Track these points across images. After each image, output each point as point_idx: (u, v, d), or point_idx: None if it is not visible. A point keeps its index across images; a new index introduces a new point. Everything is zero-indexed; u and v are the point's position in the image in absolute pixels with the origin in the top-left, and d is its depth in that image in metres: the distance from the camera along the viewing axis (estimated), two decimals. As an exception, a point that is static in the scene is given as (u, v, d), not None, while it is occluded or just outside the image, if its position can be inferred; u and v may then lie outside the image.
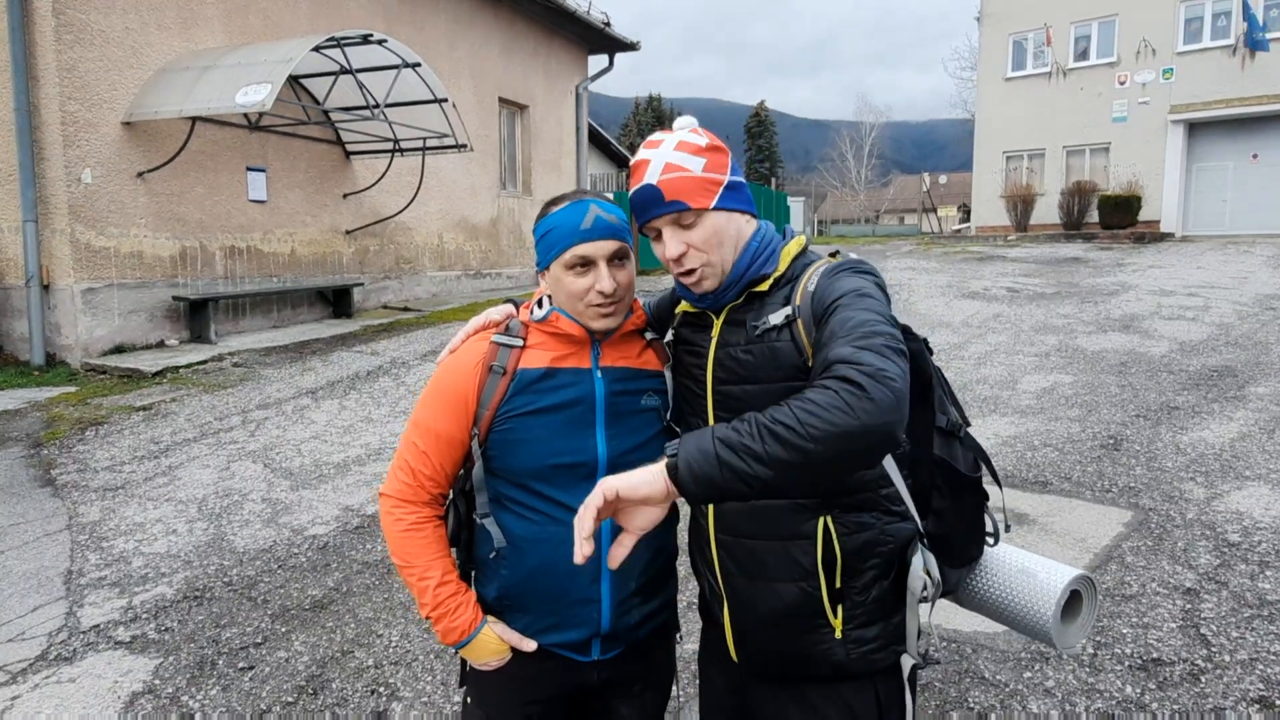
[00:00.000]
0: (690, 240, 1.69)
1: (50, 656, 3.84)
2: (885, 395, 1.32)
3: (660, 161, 1.69)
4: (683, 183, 1.67)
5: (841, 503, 1.66)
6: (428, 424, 1.85)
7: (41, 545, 5.08)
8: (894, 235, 40.44)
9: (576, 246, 1.75)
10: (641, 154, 1.75)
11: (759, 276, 1.73)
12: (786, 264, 1.74)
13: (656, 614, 1.95)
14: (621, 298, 1.80)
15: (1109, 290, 13.17)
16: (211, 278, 11.06)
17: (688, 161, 1.69)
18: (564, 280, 1.78)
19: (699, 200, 1.68)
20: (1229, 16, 22.85)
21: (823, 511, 1.65)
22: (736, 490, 1.36)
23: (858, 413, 1.31)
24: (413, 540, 1.84)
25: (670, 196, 1.67)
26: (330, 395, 8.37)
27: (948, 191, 53.50)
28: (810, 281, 1.66)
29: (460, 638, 1.85)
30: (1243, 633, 3.68)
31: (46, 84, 9.22)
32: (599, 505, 1.38)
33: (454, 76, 14.80)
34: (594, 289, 1.76)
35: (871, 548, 1.67)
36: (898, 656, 1.71)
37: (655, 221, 1.71)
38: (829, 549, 1.65)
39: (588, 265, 1.76)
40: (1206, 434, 6.38)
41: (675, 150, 1.70)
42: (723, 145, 1.75)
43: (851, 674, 1.69)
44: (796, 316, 1.64)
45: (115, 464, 6.49)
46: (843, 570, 1.66)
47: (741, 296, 1.74)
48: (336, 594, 4.42)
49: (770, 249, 1.75)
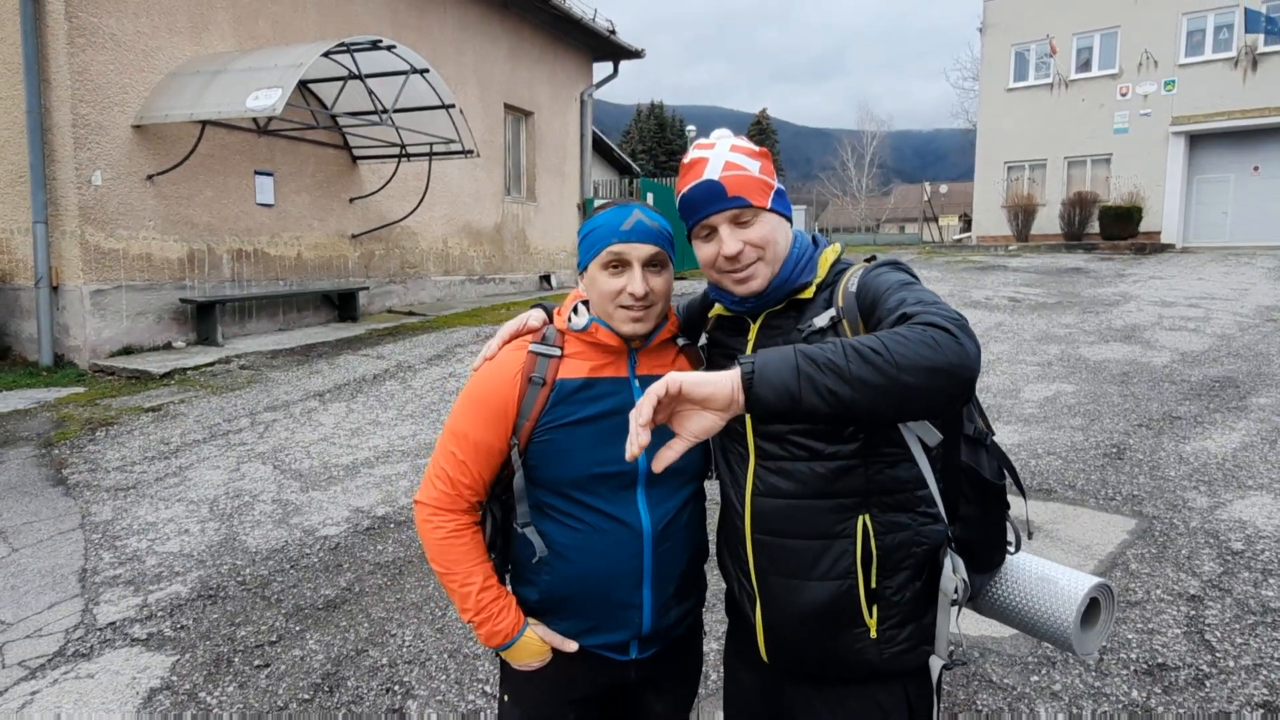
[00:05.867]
0: (748, 238, 1.71)
1: (68, 653, 3.89)
2: (970, 343, 1.38)
3: (720, 160, 1.72)
4: (745, 180, 1.71)
5: (880, 502, 1.68)
6: (466, 433, 1.86)
7: (55, 543, 5.12)
8: (895, 244, 40.50)
9: (614, 245, 1.77)
10: (695, 154, 1.77)
11: (802, 284, 1.76)
12: (825, 270, 1.78)
13: (691, 612, 1.99)
14: (654, 304, 1.81)
15: (1110, 301, 13.23)
16: (219, 280, 11.12)
17: (745, 162, 1.73)
18: (599, 280, 1.80)
19: (758, 198, 1.71)
20: (1231, 29, 22.98)
21: (862, 510, 1.68)
22: (810, 405, 1.35)
23: (946, 352, 1.35)
24: (453, 547, 1.86)
25: (733, 192, 1.70)
26: (337, 398, 8.41)
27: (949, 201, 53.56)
28: (851, 283, 1.70)
29: (503, 640, 1.88)
30: (1247, 639, 3.73)
31: (58, 87, 9.29)
32: (660, 395, 1.36)
33: (460, 82, 14.88)
34: (626, 290, 1.77)
35: (907, 548, 1.69)
36: (927, 658, 1.74)
37: (714, 218, 1.72)
38: (866, 547, 1.68)
39: (622, 266, 1.78)
40: (1209, 444, 6.43)
41: (733, 151, 1.74)
42: (770, 153, 1.81)
43: (883, 675, 1.72)
44: (841, 317, 1.68)
45: (126, 464, 6.54)
46: (879, 569, 1.69)
47: (783, 302, 1.77)
48: (349, 594, 4.46)
49: (809, 256, 1.79)
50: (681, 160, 1.82)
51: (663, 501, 1.87)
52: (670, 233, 1.85)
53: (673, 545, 1.89)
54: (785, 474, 1.71)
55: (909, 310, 1.47)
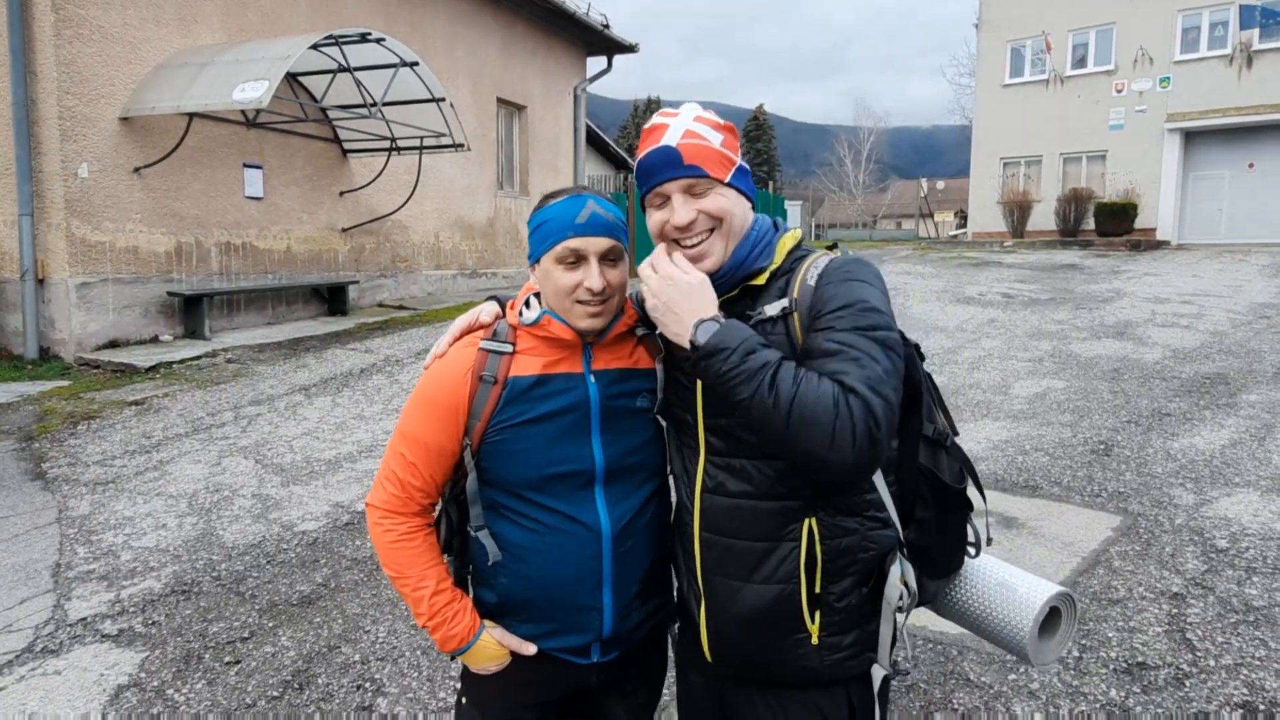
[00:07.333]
0: (703, 208, 1.66)
1: (37, 649, 3.84)
2: (862, 440, 1.42)
3: (680, 128, 1.68)
4: (703, 150, 1.66)
5: (827, 506, 1.64)
6: (416, 435, 1.80)
7: (30, 538, 5.07)
8: (891, 240, 40.46)
9: (569, 240, 1.71)
10: (657, 120, 1.73)
11: (754, 270, 1.70)
12: (782, 257, 1.72)
13: (654, 614, 1.94)
14: (610, 297, 1.75)
15: (1104, 297, 13.20)
16: (207, 274, 11.05)
17: (707, 133, 1.68)
18: (553, 274, 1.74)
19: (716, 170, 1.66)
20: (1226, 26, 22.93)
21: (808, 514, 1.63)
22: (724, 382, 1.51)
23: (837, 446, 1.42)
24: (404, 551, 1.81)
25: (689, 160, 1.65)
26: (323, 392, 8.36)
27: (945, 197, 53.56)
28: (810, 276, 1.64)
29: (459, 645, 1.83)
30: (1228, 638, 3.69)
31: (45, 79, 9.22)
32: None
33: (452, 76, 14.80)
34: (583, 285, 1.71)
35: (853, 553, 1.65)
36: (870, 665, 1.69)
37: (667, 185, 1.67)
38: (811, 551, 1.63)
39: (579, 260, 1.72)
40: (1197, 440, 6.39)
41: (695, 121, 1.69)
42: (736, 129, 1.76)
43: (824, 681, 1.67)
44: (793, 309, 1.62)
45: (106, 458, 6.48)
46: (823, 574, 1.64)
47: (735, 289, 1.71)
48: (324, 590, 4.41)
49: (766, 241, 1.73)
50: (643, 127, 1.77)
51: (622, 500, 1.82)
52: (624, 223, 1.79)
53: (634, 545, 1.83)
54: (733, 471, 1.67)
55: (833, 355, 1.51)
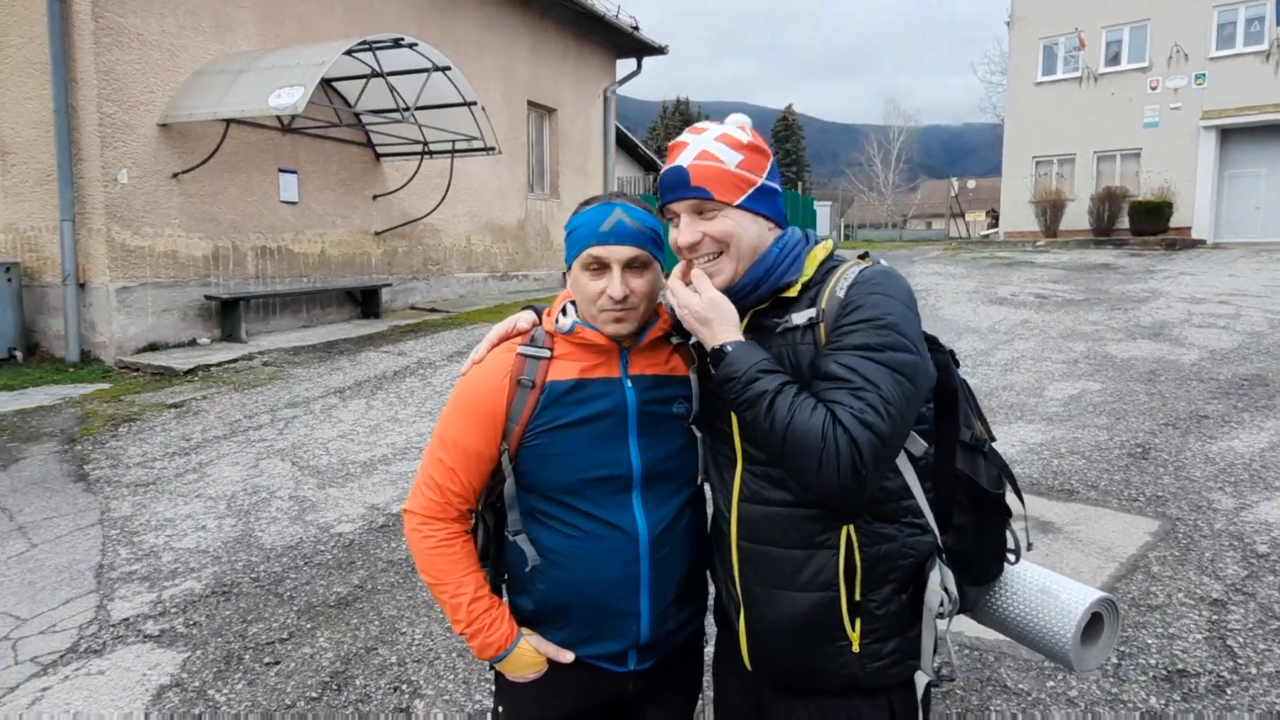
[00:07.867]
0: (707, 230, 1.67)
1: (80, 649, 3.92)
2: (849, 481, 1.49)
3: (697, 147, 1.68)
4: (712, 172, 1.66)
5: (864, 513, 1.64)
6: (455, 440, 1.81)
7: (74, 539, 5.17)
8: (921, 240, 40.16)
9: (593, 248, 1.73)
10: (682, 137, 1.74)
11: (786, 282, 1.71)
12: (813, 269, 1.73)
13: (690, 621, 1.94)
14: (635, 305, 1.76)
15: (1139, 297, 13.03)
16: (243, 277, 11.20)
17: (724, 154, 1.68)
18: (580, 280, 1.77)
19: (724, 193, 1.66)
20: (1262, 22, 22.56)
21: (846, 521, 1.63)
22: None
23: (823, 474, 1.49)
24: (443, 557, 1.81)
25: (695, 182, 1.66)
26: (358, 395, 8.45)
27: (976, 197, 53.01)
28: (840, 287, 1.64)
29: (497, 652, 1.83)
30: (1270, 645, 3.64)
31: (85, 86, 9.39)
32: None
33: (483, 80, 14.90)
34: (605, 293, 1.73)
35: (892, 560, 1.65)
36: (912, 672, 1.69)
37: (675, 205, 1.70)
38: (850, 559, 1.63)
39: (602, 268, 1.74)
40: (1236, 443, 6.30)
41: (715, 140, 1.69)
42: (766, 149, 1.74)
43: (865, 688, 1.67)
44: (820, 320, 1.63)
45: (147, 460, 6.59)
46: (863, 581, 1.64)
47: (768, 301, 1.73)
48: (361, 591, 4.47)
49: (794, 255, 1.73)
50: (669, 143, 1.78)
51: (659, 505, 1.82)
52: (654, 231, 1.80)
53: (671, 551, 1.83)
54: (772, 480, 1.67)
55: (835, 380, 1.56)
